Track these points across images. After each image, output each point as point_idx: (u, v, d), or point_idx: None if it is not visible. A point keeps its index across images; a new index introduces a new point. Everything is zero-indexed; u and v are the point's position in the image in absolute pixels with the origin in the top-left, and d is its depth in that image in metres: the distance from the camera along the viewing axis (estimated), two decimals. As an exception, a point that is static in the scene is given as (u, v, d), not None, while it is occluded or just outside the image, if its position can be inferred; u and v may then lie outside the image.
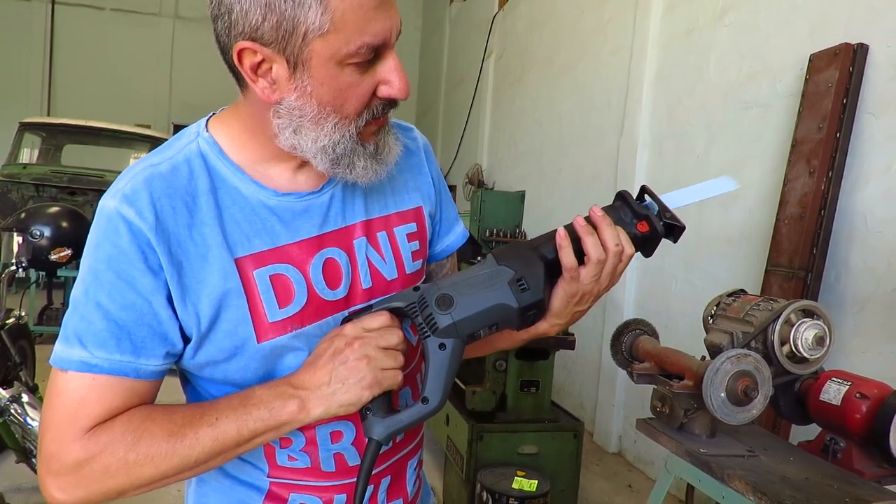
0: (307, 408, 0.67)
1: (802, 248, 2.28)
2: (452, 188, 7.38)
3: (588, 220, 0.72)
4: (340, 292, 0.75)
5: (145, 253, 0.66)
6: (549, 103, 4.92)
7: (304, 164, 0.73)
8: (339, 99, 0.66)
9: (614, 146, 3.80)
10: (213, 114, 0.78)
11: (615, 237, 0.70)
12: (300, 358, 0.72)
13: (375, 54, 0.66)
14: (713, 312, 1.41)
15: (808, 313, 1.27)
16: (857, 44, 2.23)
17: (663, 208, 0.72)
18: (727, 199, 2.83)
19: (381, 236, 0.81)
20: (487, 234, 5.12)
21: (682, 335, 2.87)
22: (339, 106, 0.67)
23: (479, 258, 4.09)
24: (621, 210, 0.74)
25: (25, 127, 6.04)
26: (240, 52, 0.66)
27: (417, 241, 0.85)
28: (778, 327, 1.23)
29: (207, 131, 0.74)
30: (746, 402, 1.16)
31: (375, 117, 0.70)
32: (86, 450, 0.64)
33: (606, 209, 0.73)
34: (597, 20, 4.22)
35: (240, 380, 0.72)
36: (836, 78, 2.26)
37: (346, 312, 0.76)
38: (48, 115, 9.04)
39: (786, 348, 1.24)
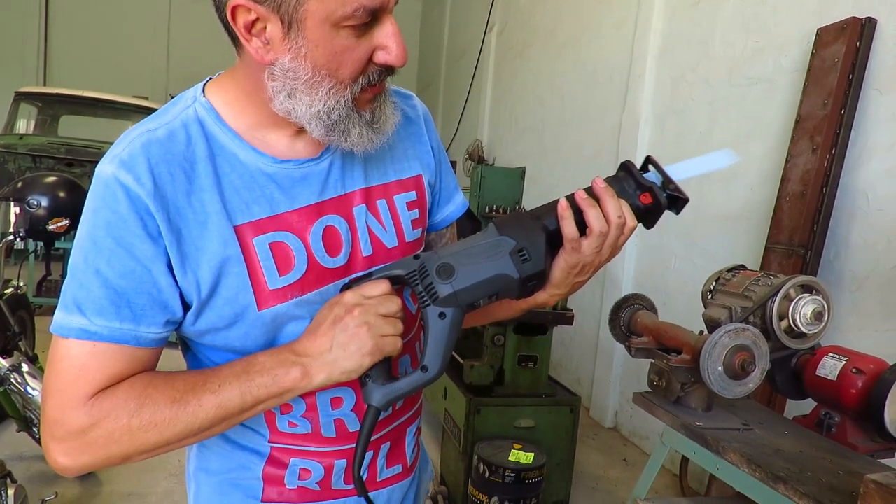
0: (310, 374, 0.67)
1: (803, 225, 2.28)
2: (453, 163, 7.34)
3: (590, 192, 0.71)
4: (341, 260, 0.75)
5: (144, 219, 0.65)
6: (551, 78, 4.86)
7: (301, 130, 0.73)
8: (334, 63, 0.65)
9: (616, 122, 3.77)
10: (210, 78, 0.77)
11: (618, 209, 0.70)
12: (302, 326, 0.72)
13: (373, 18, 0.65)
14: (712, 287, 1.41)
15: (808, 289, 1.27)
16: (866, 18, 2.19)
17: (667, 180, 0.72)
18: (729, 175, 2.81)
19: (381, 204, 0.80)
20: (487, 210, 5.10)
21: (681, 312, 2.88)
22: (334, 70, 0.66)
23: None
24: (625, 181, 0.73)
25: (21, 97, 5.97)
26: (233, 10, 0.65)
27: (417, 210, 0.84)
28: (777, 302, 1.23)
29: (205, 96, 0.73)
30: (743, 376, 1.16)
31: (372, 84, 0.68)
32: (89, 416, 0.64)
33: (609, 180, 0.73)
34: (601, -8, 4.14)
35: (241, 347, 0.72)
36: (843, 53, 2.22)
37: (346, 280, 0.75)
38: (44, 85, 8.93)
39: (784, 323, 1.24)
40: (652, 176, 0.73)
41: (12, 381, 2.26)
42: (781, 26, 2.58)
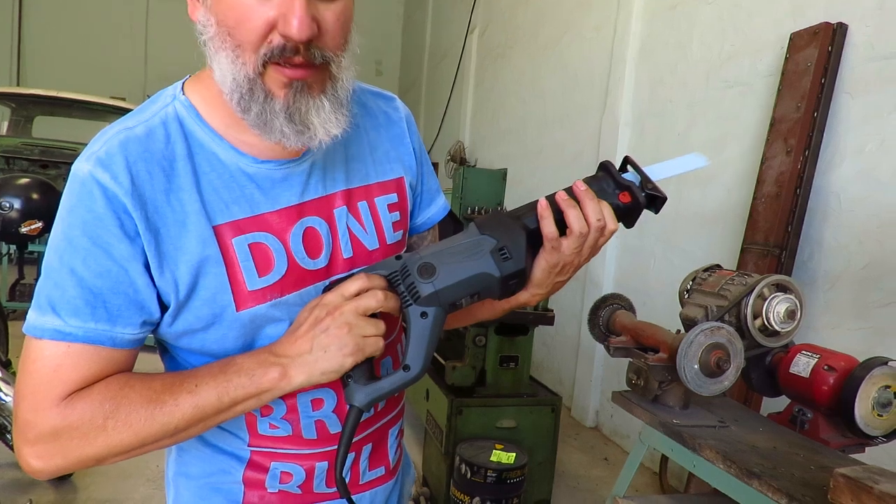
0: (289, 375, 0.67)
1: (778, 226, 2.32)
2: (435, 165, 7.35)
3: (571, 193, 0.72)
4: (321, 262, 0.75)
5: (121, 218, 0.64)
6: (533, 80, 4.90)
7: None
8: (233, 22, 0.62)
9: (597, 124, 3.80)
10: (190, 76, 0.76)
11: (597, 211, 0.71)
12: (280, 328, 0.72)
13: None
14: (689, 287, 1.43)
15: (781, 287, 1.29)
16: (837, 23, 2.24)
17: (646, 179, 0.73)
18: (705, 177, 2.86)
19: (362, 206, 0.80)
20: (469, 211, 5.12)
21: (661, 311, 2.92)
22: (233, 29, 0.63)
23: (460, 235, 4.10)
24: (604, 181, 0.74)
25: (-6, 97, 5.85)
26: None
27: (398, 212, 0.84)
28: (751, 301, 1.25)
29: (184, 94, 0.72)
30: (719, 374, 1.18)
31: (274, 60, 0.63)
32: (63, 417, 0.63)
33: (589, 180, 0.74)
34: (581, -4, 4.18)
35: (218, 350, 0.71)
36: (816, 57, 2.27)
37: (327, 282, 0.75)
38: (17, 85, 8.75)
39: (758, 322, 1.26)
40: (630, 176, 0.74)
41: (-16, 386, 2.21)
42: (757, 30, 2.63)
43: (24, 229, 1.97)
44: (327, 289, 0.71)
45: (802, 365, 1.30)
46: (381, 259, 0.79)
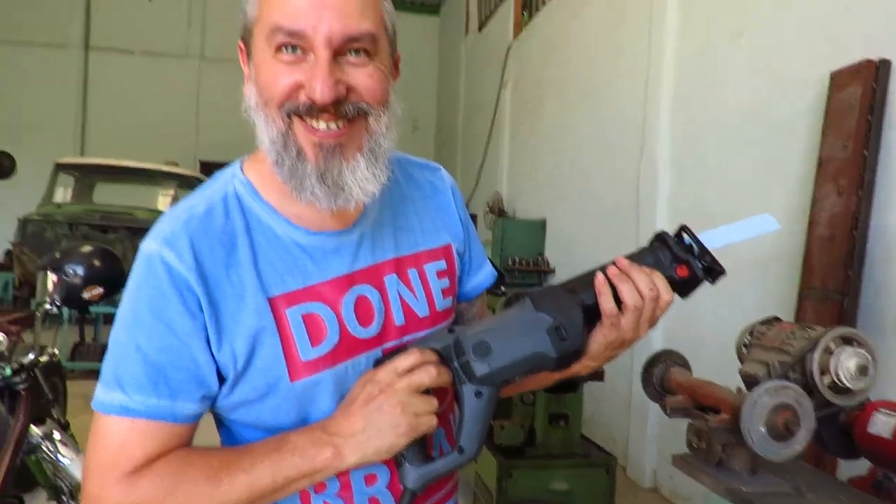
0: (342, 455, 0.66)
1: (835, 269, 2.22)
2: (473, 217, 7.36)
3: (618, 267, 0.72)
4: (373, 330, 0.76)
5: (184, 295, 0.67)
6: (567, 129, 4.94)
7: None
8: (264, 84, 0.67)
9: (634, 171, 3.78)
10: (247, 155, 0.80)
11: (648, 283, 0.70)
12: (332, 398, 0.73)
13: (303, 49, 0.65)
14: (746, 341, 1.37)
15: (848, 340, 1.22)
16: (879, 59, 2.20)
17: (703, 250, 0.71)
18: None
19: (412, 273, 0.81)
20: (510, 262, 5.11)
21: (714, 364, 2.78)
22: (264, 91, 0.67)
23: (502, 288, 4.07)
24: (660, 251, 0.73)
25: (60, 168, 6.26)
26: (240, 49, 0.73)
27: (447, 279, 0.85)
28: (816, 356, 1.18)
29: (242, 172, 0.76)
30: (789, 437, 1.11)
31: (298, 113, 0.66)
32: (126, 494, 0.66)
33: (644, 251, 0.73)
34: (611, 44, 4.24)
35: (273, 422, 0.72)
36: (860, 95, 2.22)
37: (379, 352, 0.76)
38: (81, 155, 9.35)
39: (826, 378, 1.19)
40: (686, 244, 0.73)
41: (44, 448, 2.27)
42: (793, 70, 2.60)
43: (86, 295, 2.05)
44: (379, 361, 0.71)
45: (882, 425, 1.21)
46: (432, 326, 0.80)
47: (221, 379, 0.71)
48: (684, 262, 0.70)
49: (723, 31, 3.06)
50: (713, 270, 0.71)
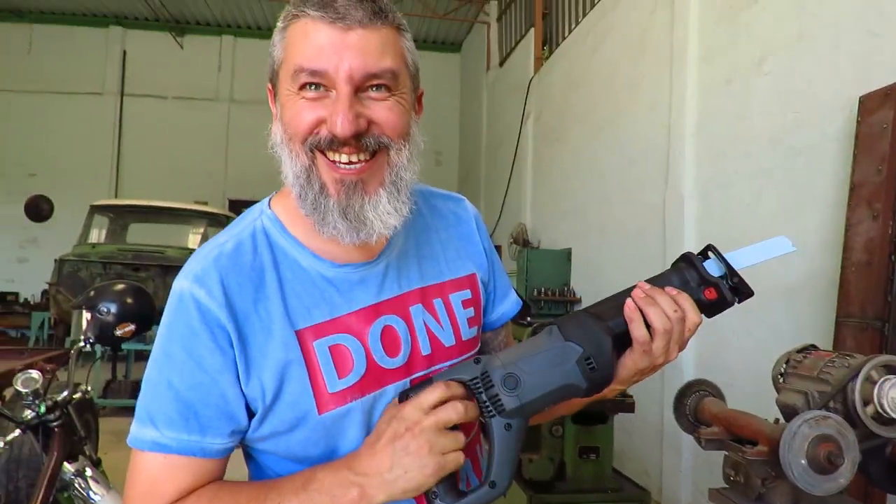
0: (367, 495, 0.66)
1: (874, 295, 2.15)
2: (498, 248, 7.40)
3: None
4: (400, 360, 0.77)
5: (214, 332, 0.69)
6: (590, 160, 4.94)
7: None
8: (288, 120, 0.70)
9: (660, 199, 3.75)
10: (275, 192, 0.82)
11: (672, 304, 0.70)
12: (361, 429, 0.74)
13: (325, 87, 0.68)
14: (783, 370, 1.32)
15: (892, 369, 1.17)
16: (909, 83, 2.17)
17: (731, 272, 0.70)
18: (785, 247, 2.72)
19: (437, 303, 0.82)
20: (535, 293, 5.07)
21: (748, 393, 2.70)
22: (288, 127, 0.70)
23: (528, 318, 4.03)
24: (686, 272, 0.72)
25: (96, 209, 6.47)
26: (269, 90, 0.76)
27: (472, 308, 0.86)
28: (858, 386, 1.14)
29: (270, 208, 0.79)
30: (832, 470, 1.06)
31: (320, 147, 0.69)
32: None
33: (670, 272, 0.72)
34: (632, 75, 4.27)
35: (302, 453, 0.73)
36: (892, 118, 2.18)
37: (407, 382, 0.76)
38: (115, 196, 9.67)
39: (870, 409, 1.14)
40: (712, 265, 0.72)
41: (76, 485, 2.29)
42: (820, 96, 2.58)
43: (118, 332, 2.09)
44: (404, 394, 0.70)
45: (929, 457, 1.15)
46: (458, 356, 0.81)
47: (251, 413, 0.72)
48: (712, 284, 0.69)
49: (746, 59, 3.05)
50: (740, 291, 0.69)
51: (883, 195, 2.18)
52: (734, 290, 0.69)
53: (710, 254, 0.72)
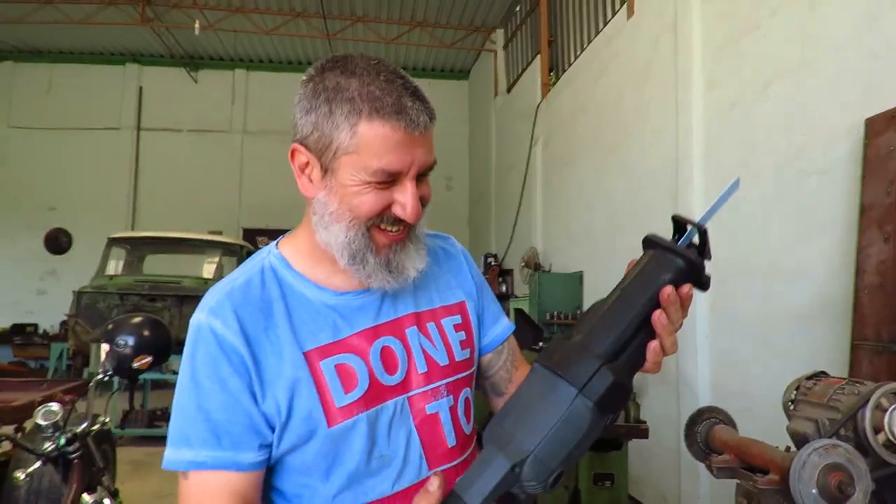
0: None
1: (889, 318, 2.14)
2: (509, 272, 7.40)
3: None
4: (398, 377, 0.86)
5: (231, 357, 0.78)
6: (599, 184, 4.97)
7: None
8: (356, 202, 0.79)
9: (669, 223, 3.75)
10: (282, 237, 0.92)
11: (682, 316, 0.70)
12: (366, 440, 0.81)
13: (394, 179, 0.78)
14: (793, 397, 1.33)
15: (901, 395, 1.17)
16: (913, 105, 2.18)
17: (701, 240, 0.69)
18: (795, 272, 2.71)
19: (431, 326, 0.91)
20: (548, 316, 5.05)
21: (765, 421, 2.67)
22: (355, 207, 0.79)
23: (541, 344, 4.01)
24: (662, 258, 0.70)
25: (114, 242, 6.59)
26: (293, 150, 0.82)
27: (464, 332, 0.95)
28: (868, 413, 1.14)
29: (277, 249, 0.89)
30: (843, 500, 1.06)
31: (384, 228, 0.81)
32: None
33: (657, 269, 0.69)
34: (638, 101, 4.31)
35: (313, 466, 0.81)
36: (897, 141, 2.20)
37: (405, 398, 0.85)
38: (133, 228, 9.84)
39: (881, 436, 1.14)
40: (687, 239, 0.71)
41: (93, 519, 2.31)
42: (826, 119, 2.60)
43: (135, 364, 2.13)
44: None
45: (944, 485, 1.14)
46: (454, 374, 0.89)
47: (273, 430, 0.80)
48: (696, 263, 0.68)
49: (750, 84, 3.09)
50: (706, 252, 0.68)
51: (893, 217, 2.18)
52: (702, 253, 0.69)
53: (686, 227, 0.70)
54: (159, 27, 8.87)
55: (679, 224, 0.72)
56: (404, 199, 0.79)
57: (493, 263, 7.92)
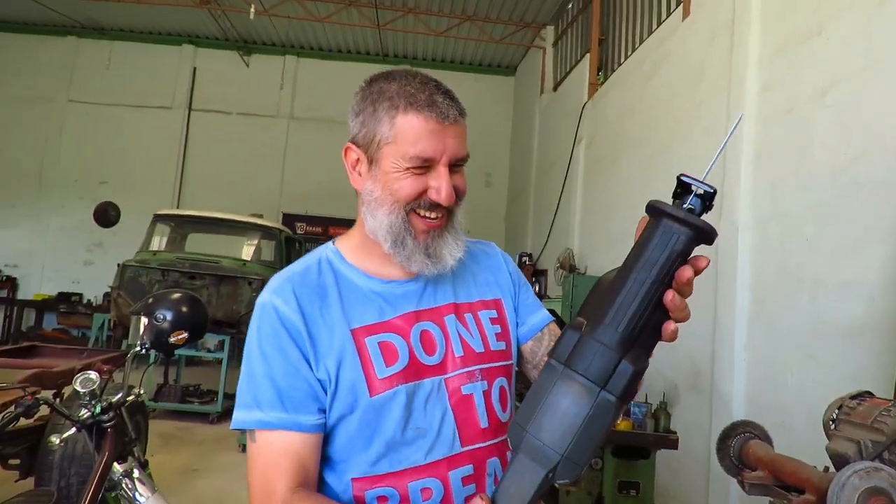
0: None
1: (942, 341, 2.02)
2: (543, 273, 7.33)
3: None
4: (436, 358, 0.95)
5: (290, 330, 0.90)
6: (643, 186, 4.87)
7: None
8: (396, 187, 0.90)
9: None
10: (338, 237, 1.06)
11: (689, 288, 0.70)
12: (404, 411, 0.91)
13: (430, 166, 0.90)
14: (834, 416, 1.26)
15: (954, 422, 1.10)
16: None
17: (690, 208, 0.65)
18: (845, 284, 2.60)
19: (468, 316, 1.01)
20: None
21: (802, 436, 2.58)
22: (395, 192, 0.91)
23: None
24: (666, 228, 0.67)
25: (158, 218, 6.79)
26: (346, 149, 0.96)
27: (499, 326, 1.04)
28: (916, 438, 1.07)
29: (334, 245, 1.03)
30: (883, 526, 1.00)
31: (421, 213, 0.92)
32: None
33: (666, 248, 0.66)
34: (688, 103, 4.20)
35: (357, 435, 0.91)
36: (964, 155, 2.07)
37: (441, 379, 0.94)
38: (177, 206, 10.12)
39: (928, 463, 1.07)
40: (694, 201, 0.67)
41: (123, 486, 2.38)
42: (886, 129, 2.47)
43: (172, 339, 2.18)
44: None
45: None
46: (487, 361, 0.97)
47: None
48: (704, 229, 0.64)
49: (808, 89, 2.96)
50: (708, 199, 0.65)
51: (954, 235, 2.06)
52: (704, 204, 0.66)
53: (692, 188, 0.67)
54: (216, 10, 9.08)
55: (684, 185, 0.68)
56: (438, 184, 0.90)
57: (527, 263, 7.85)
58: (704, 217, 0.67)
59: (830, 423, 1.27)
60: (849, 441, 1.17)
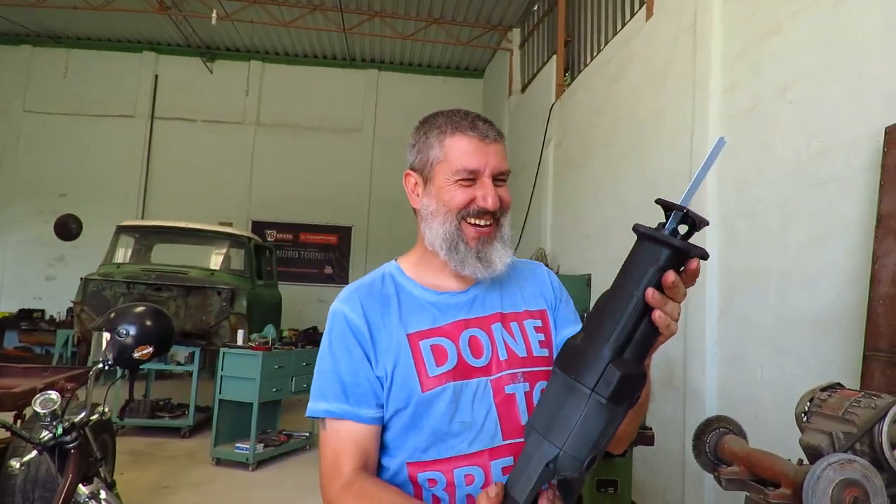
0: None
1: (904, 330, 2.08)
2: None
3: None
4: (482, 361, 1.07)
5: (355, 333, 1.05)
6: (612, 186, 4.92)
7: (454, 275, 1.10)
8: (447, 198, 1.06)
9: (682, 227, 3.70)
10: (399, 257, 1.20)
11: (678, 308, 0.78)
12: (450, 405, 1.02)
13: (476, 178, 1.05)
14: (806, 409, 1.28)
15: (921, 411, 1.13)
16: (938, 113, 2.12)
17: (686, 216, 0.73)
18: (811, 278, 2.66)
19: (513, 325, 1.12)
20: (554, 319, 5.01)
21: (774, 428, 2.63)
22: (447, 202, 1.06)
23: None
24: (650, 250, 0.75)
25: (122, 230, 6.59)
26: (406, 175, 1.13)
27: (543, 334, 1.15)
28: (885, 428, 1.09)
29: (396, 262, 1.18)
30: (858, 517, 1.02)
31: (472, 221, 1.05)
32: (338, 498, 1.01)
33: (648, 265, 0.74)
34: (655, 103, 4.26)
35: (409, 423, 1.03)
36: (919, 149, 2.14)
37: (488, 381, 1.05)
38: (143, 217, 9.87)
39: (898, 452, 1.09)
40: (673, 223, 0.74)
41: (89, 508, 2.29)
42: (846, 126, 2.54)
43: (136, 354, 2.11)
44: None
45: (964, 505, 1.09)
46: (530, 366, 1.08)
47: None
48: (685, 250, 0.71)
49: (769, 88, 3.03)
50: (696, 224, 0.73)
51: (912, 227, 2.12)
52: (690, 229, 0.73)
53: (671, 213, 0.74)
54: (177, 15, 8.90)
55: (666, 207, 0.77)
56: (483, 192, 1.05)
57: (500, 263, 7.87)
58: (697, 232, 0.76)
59: (802, 415, 1.29)
60: (821, 433, 1.19)
